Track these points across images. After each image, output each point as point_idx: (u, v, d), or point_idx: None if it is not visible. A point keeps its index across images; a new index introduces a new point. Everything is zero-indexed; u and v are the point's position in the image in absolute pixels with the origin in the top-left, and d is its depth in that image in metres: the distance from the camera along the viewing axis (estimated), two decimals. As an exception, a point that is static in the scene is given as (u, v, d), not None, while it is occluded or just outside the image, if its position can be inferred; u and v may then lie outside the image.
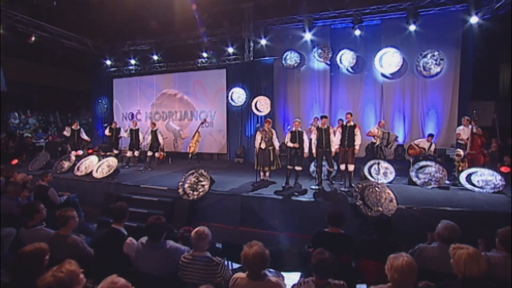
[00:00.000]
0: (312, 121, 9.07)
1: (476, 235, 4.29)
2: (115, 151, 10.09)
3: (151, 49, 12.17)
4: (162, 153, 10.64)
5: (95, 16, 11.15)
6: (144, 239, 2.89)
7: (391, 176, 6.91)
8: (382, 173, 6.98)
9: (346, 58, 10.72)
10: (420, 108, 10.36)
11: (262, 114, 10.87)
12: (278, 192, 5.96)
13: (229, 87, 11.35)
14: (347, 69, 11.08)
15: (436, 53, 9.81)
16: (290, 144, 6.55)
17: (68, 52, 12.59)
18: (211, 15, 11.14)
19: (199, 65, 11.95)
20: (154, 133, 9.95)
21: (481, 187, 6.04)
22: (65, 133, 9.76)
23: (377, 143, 8.25)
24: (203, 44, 11.58)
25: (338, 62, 10.83)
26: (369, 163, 7.16)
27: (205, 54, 11.71)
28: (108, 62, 12.86)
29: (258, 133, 6.76)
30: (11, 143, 11.32)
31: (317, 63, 11.16)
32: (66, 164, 8.28)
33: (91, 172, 7.71)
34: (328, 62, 11.05)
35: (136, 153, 10.16)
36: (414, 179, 6.57)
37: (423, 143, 7.86)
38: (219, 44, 11.42)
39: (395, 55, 10.11)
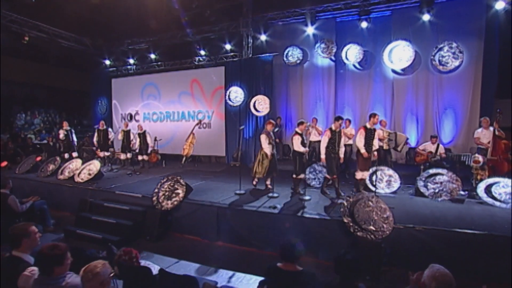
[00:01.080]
0: (310, 122, 8.25)
1: (488, 271, 3.41)
2: (105, 153, 9.73)
3: (149, 48, 11.75)
4: (156, 155, 10.18)
5: (93, 15, 10.86)
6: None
7: (395, 185, 6.01)
8: (385, 181, 6.09)
9: (352, 53, 9.79)
10: (435, 107, 9.25)
11: (261, 114, 10.13)
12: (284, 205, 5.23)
13: (227, 86, 10.70)
14: (354, 65, 10.16)
15: (454, 45, 8.69)
16: (302, 149, 5.78)
17: (72, 53, 12.45)
18: (211, 12, 10.55)
19: (196, 63, 11.38)
20: (142, 136, 9.51)
21: (503, 201, 5.03)
22: (60, 136, 9.47)
23: (385, 146, 7.34)
24: (201, 41, 11.00)
25: (344, 57, 9.92)
26: (370, 170, 6.27)
27: (202, 52, 11.12)
28: (107, 62, 12.57)
29: (264, 136, 6.00)
30: (11, 144, 11.24)
31: (321, 59, 10.30)
32: (51, 167, 7.94)
33: (73, 176, 7.29)
34: (333, 58, 10.16)
35: (129, 155, 9.76)
36: (422, 189, 5.64)
37: (429, 146, 6.87)
38: (217, 41, 10.81)
39: (407, 49, 9.06)
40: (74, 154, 9.62)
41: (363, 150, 5.60)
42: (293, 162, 5.91)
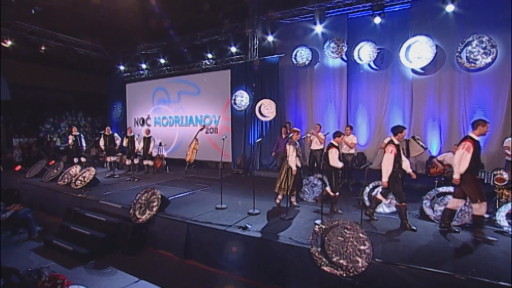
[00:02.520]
0: (313, 129, 7.57)
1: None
2: (111, 158, 9.85)
3: (158, 52, 11.77)
4: (161, 160, 10.13)
5: (108, 22, 11.16)
6: None
7: (393, 207, 5.18)
8: (388, 200, 5.28)
9: (366, 52, 8.92)
10: (461, 111, 8.07)
11: (267, 119, 9.74)
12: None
13: (233, 90, 10.36)
14: (369, 65, 9.25)
15: (485, 38, 7.48)
16: (339, 165, 5.13)
17: (96, 59, 12.94)
18: (217, 13, 10.28)
19: (203, 67, 11.17)
20: (147, 140, 9.46)
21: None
22: (69, 141, 9.78)
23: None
24: (208, 44, 10.78)
25: (356, 57, 9.06)
26: (371, 184, 5.52)
27: (210, 56, 10.88)
28: (122, 68, 12.85)
29: (291, 148, 5.25)
30: (34, 147, 11.89)
31: (332, 60, 9.53)
32: (55, 172, 8.15)
33: (70, 183, 7.39)
34: (345, 58, 9.36)
35: (135, 160, 9.79)
36: (427, 210, 4.79)
37: (450, 158, 5.86)
38: (223, 43, 10.49)
39: (427, 45, 8.00)
40: (83, 159, 9.91)
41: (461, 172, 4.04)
42: (328, 178, 5.36)
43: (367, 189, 5.46)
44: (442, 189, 4.91)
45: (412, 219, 4.75)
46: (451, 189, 4.86)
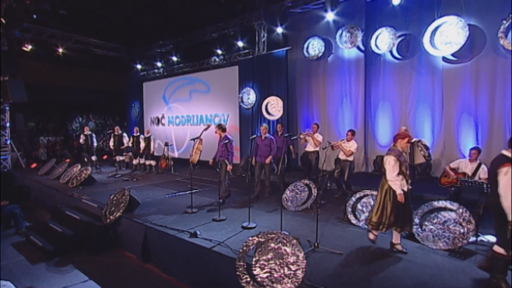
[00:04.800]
0: (309, 129, 7.15)
1: None
2: (120, 157, 10.46)
3: (171, 50, 12.24)
4: (166, 161, 10.49)
5: (126, 20, 11.99)
6: None
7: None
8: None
9: (383, 39, 8.18)
10: (506, 105, 6.92)
11: (274, 118, 9.52)
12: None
13: (240, 87, 10.31)
14: (392, 54, 8.48)
15: (536, 15, 6.35)
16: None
17: (114, 59, 14.01)
18: (223, 6, 10.39)
19: (212, 63, 11.32)
20: (147, 140, 9.86)
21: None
22: (80, 141, 10.63)
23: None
24: (218, 39, 10.91)
25: (373, 46, 8.38)
26: (358, 194, 5.03)
27: (219, 51, 10.99)
28: (139, 66, 13.63)
29: (393, 160, 3.68)
30: (58, 146, 13.20)
31: (348, 50, 8.92)
32: (59, 171, 8.91)
33: (68, 181, 8.02)
34: (362, 47, 8.70)
35: (141, 160, 10.29)
36: (415, 229, 4.19)
37: (464, 164, 5.06)
38: (231, 38, 10.52)
39: (457, 27, 7.03)
40: (93, 158, 10.69)
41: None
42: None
43: (352, 200, 4.97)
44: (438, 204, 4.25)
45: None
46: (447, 204, 4.18)
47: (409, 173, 3.86)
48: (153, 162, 10.00)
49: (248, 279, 3.09)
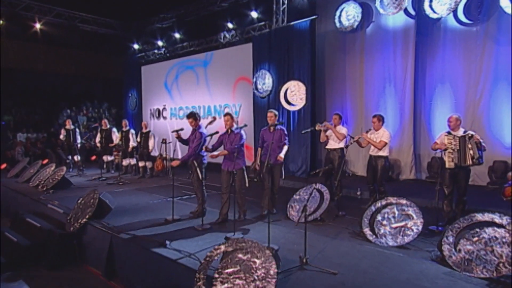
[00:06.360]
0: (331, 120, 7.10)
1: None
2: (108, 158, 11.05)
3: (173, 25, 12.73)
4: (162, 162, 10.91)
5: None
6: None
7: (407, 238, 4.57)
8: (396, 227, 4.71)
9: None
10: None
11: (296, 108, 9.61)
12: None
13: (255, 69, 10.51)
14: (456, 19, 8.19)
15: None
16: None
17: (110, 38, 14.84)
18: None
19: (222, 41, 11.64)
20: (144, 137, 10.31)
21: None
22: (61, 137, 11.38)
23: (448, 162, 5.69)
24: (226, 11, 11.22)
25: (428, 8, 8.17)
26: (379, 203, 4.98)
27: (230, 25, 11.28)
28: (136, 46, 14.31)
29: None
30: (39, 144, 14.24)
31: (393, 17, 8.84)
32: (30, 173, 9.62)
33: (38, 185, 8.66)
34: (411, 11, 8.56)
35: (133, 161, 10.81)
36: (445, 248, 4.08)
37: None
38: (243, 7, 10.76)
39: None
40: (76, 158, 11.39)
41: None
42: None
43: (371, 209, 4.91)
44: (482, 217, 4.10)
45: (423, 261, 4.10)
46: (494, 216, 4.02)
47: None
48: (149, 164, 10.45)
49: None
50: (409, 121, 8.65)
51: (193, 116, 6.04)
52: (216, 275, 3.36)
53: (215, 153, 5.81)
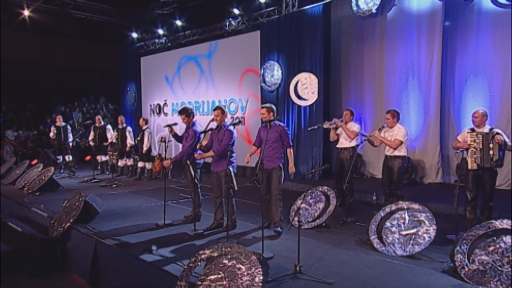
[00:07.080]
0: (342, 117, 7.17)
1: None
2: (102, 158, 11.35)
3: (174, 12, 12.97)
4: (161, 162, 11.13)
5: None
6: None
7: (418, 246, 4.63)
8: (406, 234, 4.77)
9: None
10: None
11: (307, 103, 9.70)
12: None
13: (262, 60, 10.65)
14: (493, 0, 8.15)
15: None
16: None
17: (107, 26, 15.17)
18: None
19: (227, 28, 11.82)
20: (140, 136, 10.55)
21: None
22: (51, 134, 11.73)
23: (471, 163, 5.72)
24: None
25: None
26: (387, 208, 5.05)
27: (236, 11, 11.44)
28: (134, 35, 14.62)
29: None
30: (30, 143, 14.70)
31: (417, 1, 8.87)
32: (16, 173, 9.97)
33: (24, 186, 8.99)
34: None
35: (129, 161, 11.08)
36: (458, 259, 4.13)
37: None
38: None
39: None
40: (68, 158, 11.73)
41: None
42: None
43: (380, 215, 4.98)
44: (500, 224, 4.12)
45: (432, 272, 4.15)
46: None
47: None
48: (148, 165, 10.69)
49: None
50: (435, 118, 8.67)
51: (185, 112, 6.13)
52: (199, 282, 3.50)
53: (205, 154, 5.76)
